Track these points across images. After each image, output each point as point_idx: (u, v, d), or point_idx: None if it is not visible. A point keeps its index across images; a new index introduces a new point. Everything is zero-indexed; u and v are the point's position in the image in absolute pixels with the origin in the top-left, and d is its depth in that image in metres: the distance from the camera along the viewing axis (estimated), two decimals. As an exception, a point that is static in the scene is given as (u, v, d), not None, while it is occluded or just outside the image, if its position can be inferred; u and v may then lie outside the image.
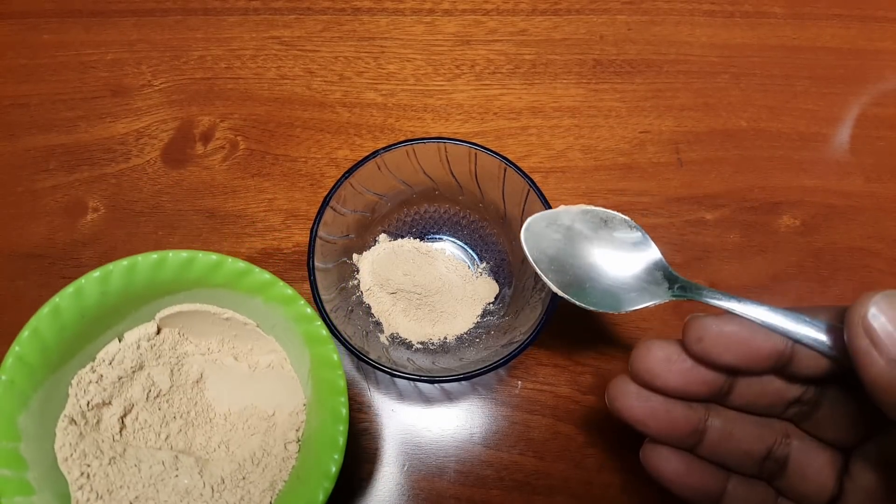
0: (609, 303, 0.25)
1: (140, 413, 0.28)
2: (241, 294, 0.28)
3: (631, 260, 0.26)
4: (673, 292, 0.25)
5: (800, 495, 0.24)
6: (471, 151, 0.31)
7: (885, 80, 0.43)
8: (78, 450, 0.25)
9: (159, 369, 0.29)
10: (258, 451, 0.27)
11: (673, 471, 0.24)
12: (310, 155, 0.41)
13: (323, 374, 0.26)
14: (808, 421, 0.24)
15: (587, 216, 0.27)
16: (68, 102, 0.42)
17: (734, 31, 0.45)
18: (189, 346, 0.30)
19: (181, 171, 0.40)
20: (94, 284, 0.26)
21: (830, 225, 0.39)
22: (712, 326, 0.22)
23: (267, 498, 0.26)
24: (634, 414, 0.23)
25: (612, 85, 0.43)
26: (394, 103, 0.42)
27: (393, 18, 0.45)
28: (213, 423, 0.29)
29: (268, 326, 0.29)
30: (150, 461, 0.26)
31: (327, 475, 0.24)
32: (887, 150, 0.41)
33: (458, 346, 0.33)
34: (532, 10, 0.45)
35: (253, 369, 0.30)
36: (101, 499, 0.25)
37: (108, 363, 0.28)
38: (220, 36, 0.44)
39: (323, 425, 0.25)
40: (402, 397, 0.34)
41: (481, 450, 0.33)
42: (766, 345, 0.21)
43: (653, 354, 0.23)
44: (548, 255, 0.26)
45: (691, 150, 0.41)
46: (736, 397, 0.23)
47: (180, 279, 0.27)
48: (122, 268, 0.26)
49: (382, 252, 0.34)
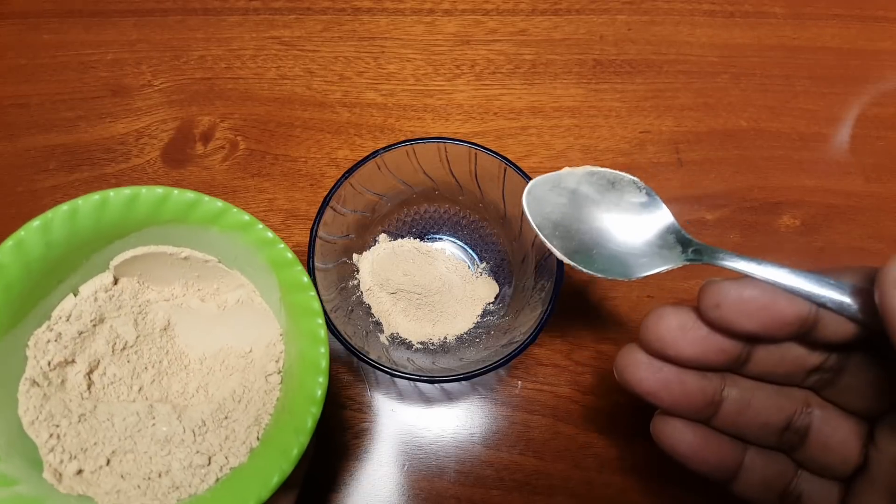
0: (618, 269, 0.23)
1: (108, 367, 0.26)
2: (195, 227, 0.26)
3: (641, 223, 0.24)
4: (687, 256, 0.23)
5: (822, 466, 0.23)
6: (471, 151, 0.31)
7: (886, 80, 0.43)
8: (44, 412, 0.24)
9: (122, 320, 0.27)
10: (238, 388, 0.26)
11: (687, 444, 0.22)
12: (310, 155, 0.41)
13: (295, 298, 0.25)
14: (831, 389, 0.22)
15: (593, 178, 0.25)
16: (68, 102, 0.42)
17: (734, 31, 0.45)
18: (151, 294, 0.28)
19: (181, 171, 0.40)
20: (36, 234, 0.24)
21: (830, 225, 0.39)
22: (731, 291, 0.20)
23: (253, 433, 0.25)
24: (646, 385, 0.22)
25: (612, 85, 0.43)
26: (394, 103, 0.42)
27: (393, 18, 0.45)
28: (188, 369, 0.28)
29: (230, 260, 0.27)
30: (122, 414, 0.25)
31: (313, 400, 0.23)
32: (887, 150, 0.41)
33: (458, 346, 0.33)
34: (532, 10, 0.45)
35: (222, 308, 0.28)
36: (76, 458, 0.24)
37: (66, 319, 0.26)
38: (220, 36, 0.44)
39: (303, 351, 0.24)
40: (402, 397, 0.34)
41: (481, 450, 0.33)
42: (789, 310, 0.20)
43: (665, 322, 0.21)
44: (552, 221, 0.24)
45: (691, 150, 0.41)
46: (754, 366, 0.22)
47: (127, 219, 0.25)
48: (64, 213, 0.24)
49: (382, 252, 0.34)
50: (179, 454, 0.24)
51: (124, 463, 0.24)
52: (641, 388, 0.22)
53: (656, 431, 0.23)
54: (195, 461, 0.24)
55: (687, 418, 0.23)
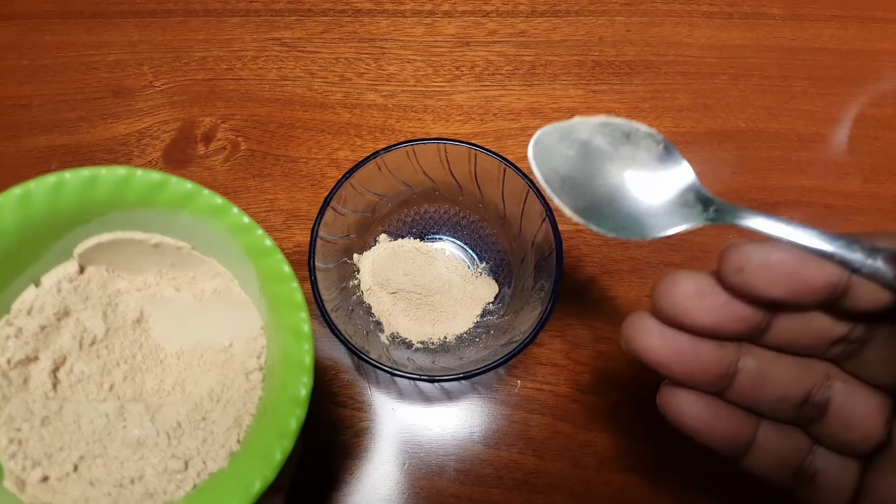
0: (633, 228, 0.22)
1: (75, 364, 0.24)
2: (163, 211, 0.24)
3: (658, 180, 0.22)
4: (708, 215, 0.21)
5: (841, 443, 0.21)
6: (470, 152, 0.31)
7: (884, 81, 0.44)
8: (3, 415, 0.22)
9: (89, 312, 0.25)
10: (216, 386, 0.24)
11: (698, 418, 0.21)
12: (310, 155, 0.41)
13: (275, 289, 0.23)
14: (854, 361, 0.21)
15: (606, 129, 0.23)
16: (70, 103, 0.42)
17: (732, 32, 0.45)
18: (121, 283, 0.26)
19: (182, 172, 0.40)
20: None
21: (829, 225, 0.38)
22: (756, 254, 0.19)
23: (234, 435, 0.23)
24: (657, 355, 0.20)
25: (611, 86, 0.43)
26: (394, 104, 0.42)
27: (393, 20, 0.45)
28: (164, 364, 0.26)
29: (204, 247, 0.25)
30: (90, 416, 0.23)
31: (297, 401, 0.21)
32: (885, 150, 0.41)
33: (458, 345, 0.33)
34: (531, 11, 0.46)
35: (199, 299, 0.26)
36: (40, 465, 0.22)
37: (27, 313, 0.24)
38: (221, 37, 0.44)
39: (286, 348, 0.22)
40: (403, 396, 0.34)
41: (481, 448, 0.33)
42: (820, 275, 0.19)
43: (681, 288, 0.19)
44: (560, 175, 0.22)
45: (690, 150, 0.41)
46: (774, 335, 0.21)
47: (87, 203, 0.23)
48: (15, 198, 0.22)
49: (383, 252, 0.34)
50: (153, 458, 0.23)
51: (93, 469, 0.23)
52: (652, 358, 0.20)
53: (663, 403, 0.21)
54: (170, 466, 0.22)
55: (698, 390, 0.21)
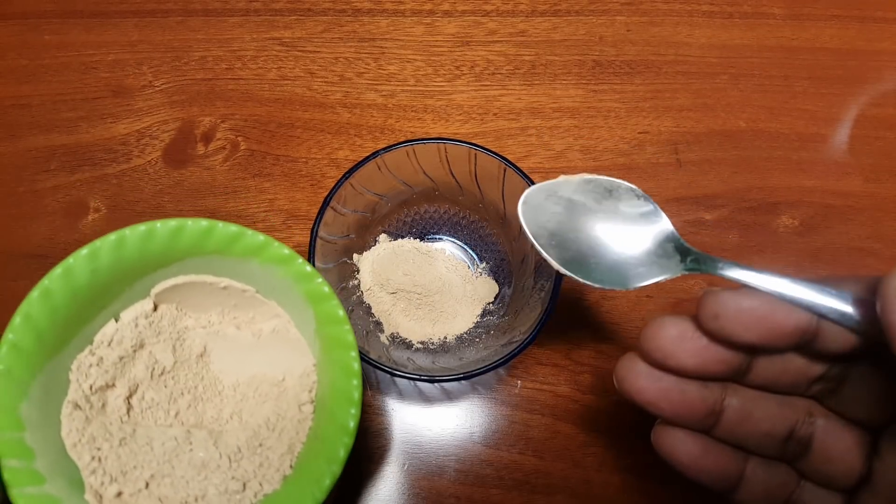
0: (616, 279, 0.23)
1: (146, 392, 0.27)
2: (236, 259, 0.27)
3: (639, 232, 0.24)
4: (686, 265, 0.23)
5: (825, 477, 0.22)
6: (470, 152, 0.31)
7: (884, 81, 0.43)
8: (86, 435, 0.25)
9: (161, 346, 0.28)
10: (272, 416, 0.27)
11: (688, 454, 0.22)
12: (310, 155, 0.41)
13: (329, 331, 0.25)
14: (834, 398, 0.22)
15: (590, 186, 0.25)
16: (69, 103, 0.42)
17: (733, 31, 0.45)
18: (189, 321, 0.29)
19: (182, 172, 0.40)
20: (84, 262, 0.25)
21: (829, 225, 0.39)
22: (729, 301, 0.20)
23: (287, 461, 0.25)
24: (646, 395, 0.21)
25: (612, 86, 0.43)
26: (394, 104, 0.42)
27: (393, 19, 0.45)
28: (222, 395, 0.28)
29: (267, 291, 0.28)
30: (161, 438, 0.26)
31: (346, 431, 0.23)
32: (886, 150, 0.41)
33: (458, 345, 0.33)
34: (531, 11, 0.46)
35: (257, 337, 0.29)
36: (116, 481, 0.25)
37: (107, 344, 0.27)
38: (220, 37, 0.44)
39: (335, 382, 0.25)
40: (402, 397, 0.34)
41: (481, 449, 0.33)
42: (789, 321, 0.20)
43: (665, 332, 0.21)
44: (548, 230, 0.24)
45: (690, 150, 0.41)
46: (755, 375, 0.22)
47: (171, 249, 0.26)
48: (111, 242, 0.25)
49: (382, 252, 0.34)
50: (215, 479, 0.25)
51: (162, 486, 0.25)
52: (642, 398, 0.22)
53: (657, 441, 0.23)
54: (230, 487, 0.25)
55: (688, 428, 0.22)
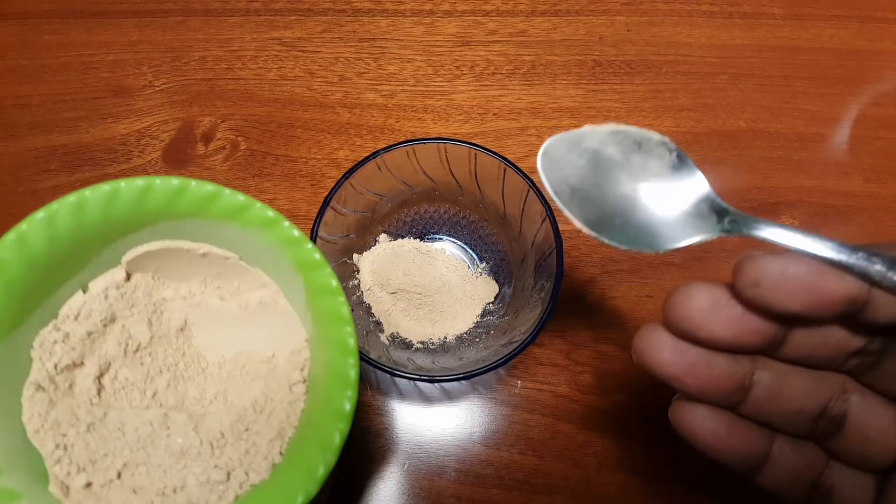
0: (645, 241, 0.21)
1: (119, 371, 0.24)
2: (214, 222, 0.24)
3: (670, 190, 0.22)
4: (723, 226, 0.21)
5: (858, 457, 0.21)
6: (470, 152, 0.31)
7: (884, 81, 0.43)
8: (50, 419, 0.22)
9: (134, 319, 0.25)
10: (260, 397, 0.24)
11: (711, 433, 0.20)
12: (310, 155, 0.41)
13: (322, 303, 0.23)
14: (872, 373, 0.21)
15: (617, 138, 0.22)
16: (70, 103, 0.42)
17: (733, 31, 0.45)
18: (167, 291, 0.26)
19: (182, 172, 0.40)
20: (39, 228, 0.22)
21: (829, 225, 0.39)
22: (774, 267, 0.18)
23: (276, 447, 0.23)
24: (669, 370, 0.20)
25: (612, 86, 0.43)
26: (394, 104, 0.42)
27: (393, 19, 0.45)
28: (206, 373, 0.26)
29: (252, 258, 0.25)
30: (135, 423, 0.23)
31: (341, 415, 0.21)
32: (886, 150, 0.41)
33: (458, 345, 0.33)
34: (531, 11, 0.46)
35: (243, 309, 0.26)
36: (84, 470, 0.22)
37: (74, 318, 0.24)
38: (220, 37, 0.44)
39: (330, 361, 0.22)
40: (403, 397, 0.34)
41: (481, 449, 0.33)
42: (839, 289, 0.18)
43: (696, 301, 0.19)
44: (570, 186, 0.22)
45: (690, 150, 0.41)
46: (790, 348, 0.20)
47: (139, 212, 0.24)
48: (69, 205, 0.23)
49: (382, 252, 0.34)
50: (196, 468, 0.23)
51: (136, 476, 0.23)
52: (665, 372, 0.20)
53: (676, 418, 0.21)
54: (213, 476, 0.22)
55: (712, 404, 0.21)
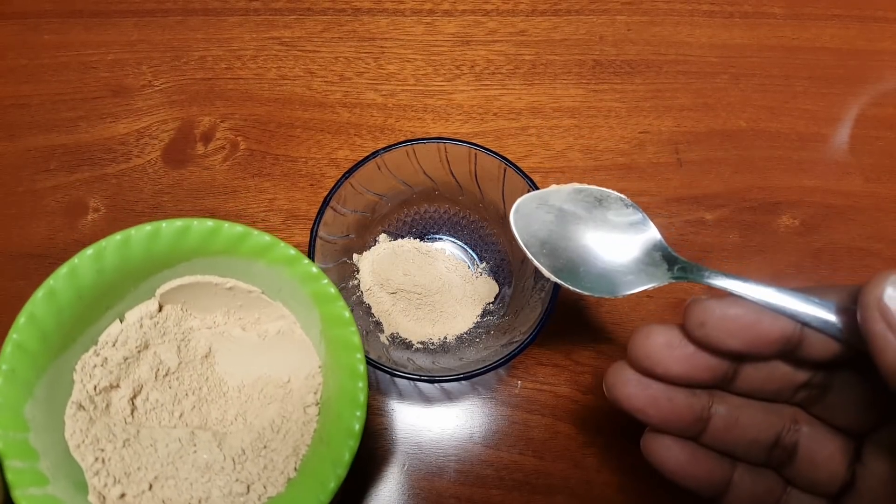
0: (605, 287, 0.24)
1: (150, 393, 0.27)
2: (242, 259, 0.27)
3: (628, 241, 0.25)
4: (673, 274, 0.23)
5: (810, 483, 0.23)
6: (471, 151, 0.31)
7: (885, 81, 0.43)
8: (90, 435, 0.25)
9: (165, 347, 0.28)
10: (277, 418, 0.27)
11: (676, 461, 0.23)
12: (310, 155, 0.41)
13: (335, 332, 0.25)
14: (819, 405, 0.23)
15: (580, 195, 0.25)
16: (69, 103, 0.42)
17: (734, 31, 0.45)
18: (194, 321, 0.29)
19: (182, 172, 0.40)
20: (89, 262, 0.25)
21: (830, 225, 0.39)
22: (715, 310, 0.20)
23: (291, 463, 0.25)
24: (634, 402, 0.22)
25: (612, 85, 0.43)
26: (394, 104, 0.42)
27: (393, 19, 0.45)
28: (227, 396, 0.28)
29: (273, 291, 0.28)
30: (165, 440, 0.26)
31: (351, 433, 0.23)
32: (886, 150, 0.41)
33: (458, 345, 0.33)
34: (532, 10, 0.45)
35: (263, 338, 0.29)
36: (119, 482, 0.25)
37: (112, 345, 0.27)
38: (220, 36, 0.44)
39: (341, 384, 0.25)
40: (402, 397, 0.34)
41: (481, 449, 0.33)
42: (774, 329, 0.20)
43: (652, 340, 0.21)
44: (539, 239, 0.25)
45: (691, 150, 0.41)
46: (742, 383, 0.22)
47: (177, 249, 0.26)
48: (116, 242, 0.25)
49: (382, 252, 0.34)
50: (219, 481, 0.25)
51: (166, 488, 0.25)
52: (630, 405, 0.22)
53: (646, 448, 0.23)
54: (234, 489, 0.25)
55: (676, 435, 0.23)
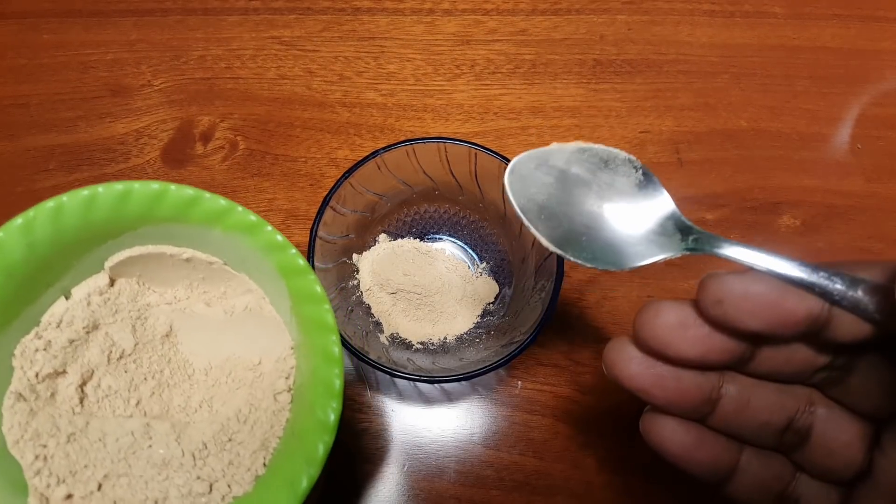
0: (610, 258, 0.21)
1: (102, 379, 0.24)
2: (196, 227, 0.24)
3: (636, 208, 0.22)
4: (687, 244, 0.21)
5: (823, 469, 0.21)
6: (471, 151, 0.31)
7: (886, 80, 0.43)
8: (30, 429, 0.22)
9: (118, 326, 0.25)
10: (244, 406, 0.24)
11: (680, 444, 0.21)
12: (310, 155, 0.41)
13: (307, 310, 0.23)
14: (838, 387, 0.21)
15: (584, 156, 0.23)
16: (68, 102, 0.42)
17: (734, 31, 0.45)
18: (152, 297, 0.26)
19: (181, 171, 0.40)
20: (16, 235, 0.22)
21: (830, 225, 0.39)
22: (735, 286, 0.18)
23: (259, 459, 0.23)
24: (637, 382, 0.20)
25: (613, 85, 0.43)
26: (394, 103, 0.42)
27: (393, 18, 0.45)
28: (192, 380, 0.26)
29: (237, 263, 0.25)
30: (116, 433, 0.23)
31: (326, 427, 0.21)
32: (887, 150, 0.41)
33: (458, 346, 0.33)
34: (532, 9, 0.45)
35: (229, 314, 0.26)
36: (64, 482, 0.22)
37: (56, 326, 0.24)
38: (219, 36, 0.44)
39: (315, 370, 0.22)
40: (402, 397, 0.34)
41: (481, 450, 0.33)
42: (800, 308, 0.18)
43: (663, 319, 0.19)
44: (537, 203, 0.22)
45: (691, 150, 0.41)
46: (758, 364, 0.20)
47: (119, 217, 0.23)
48: (47, 211, 0.23)
49: (382, 252, 0.34)
50: (178, 480, 0.22)
51: (118, 488, 0.22)
52: (633, 385, 0.20)
53: (646, 429, 0.21)
54: (195, 488, 0.22)
55: (681, 416, 0.21)
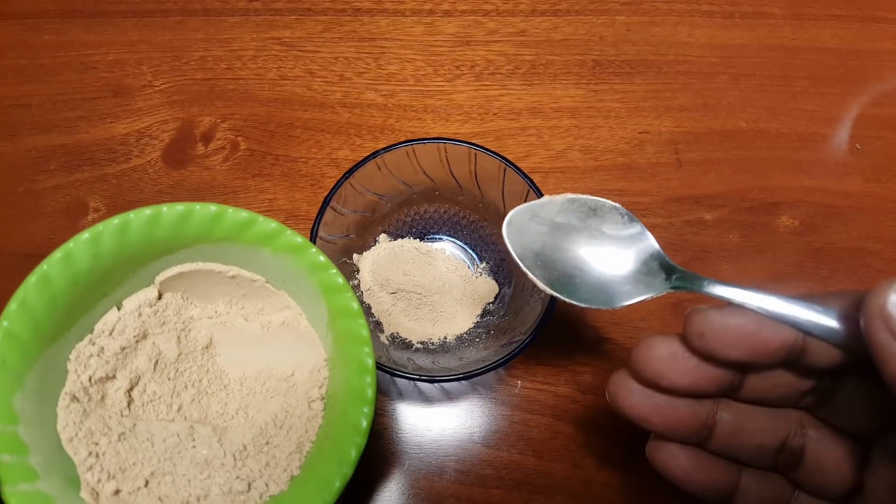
0: (601, 298, 0.23)
1: (148, 385, 0.26)
2: (246, 247, 0.26)
3: (624, 251, 0.24)
4: (671, 283, 0.23)
5: (817, 487, 0.23)
6: (470, 152, 0.31)
7: (884, 81, 0.43)
8: (83, 428, 0.24)
9: (165, 337, 0.27)
10: (280, 413, 0.25)
11: (682, 468, 0.22)
12: (310, 155, 0.41)
13: (343, 324, 0.24)
14: (825, 409, 0.22)
15: (574, 206, 0.25)
16: (69, 103, 0.42)
17: (733, 31, 0.45)
18: (195, 310, 0.28)
19: (182, 172, 0.40)
20: (85, 247, 0.24)
21: (829, 225, 0.39)
22: (715, 320, 0.20)
23: (295, 460, 0.24)
24: (638, 412, 0.22)
25: (612, 85, 0.43)
26: (394, 104, 0.42)
27: (393, 19, 0.45)
28: (227, 389, 0.27)
29: (278, 281, 0.27)
30: (163, 434, 0.24)
31: (358, 430, 0.22)
32: (886, 150, 0.41)
33: (458, 345, 0.33)
34: (531, 10, 0.45)
35: (266, 329, 0.28)
36: (114, 478, 0.23)
37: (109, 334, 0.25)
38: (220, 36, 0.44)
39: (348, 379, 0.24)
40: (402, 397, 0.34)
41: (481, 449, 0.33)
42: (775, 338, 0.20)
43: (655, 353, 0.21)
44: (533, 251, 0.24)
45: (690, 150, 0.41)
46: (748, 391, 0.22)
47: (178, 235, 0.25)
48: (114, 227, 0.24)
49: (382, 252, 0.34)
50: (219, 478, 0.24)
51: (163, 485, 0.24)
52: (634, 414, 0.22)
53: (652, 455, 0.23)
54: (235, 487, 0.24)
55: (681, 442, 0.23)
